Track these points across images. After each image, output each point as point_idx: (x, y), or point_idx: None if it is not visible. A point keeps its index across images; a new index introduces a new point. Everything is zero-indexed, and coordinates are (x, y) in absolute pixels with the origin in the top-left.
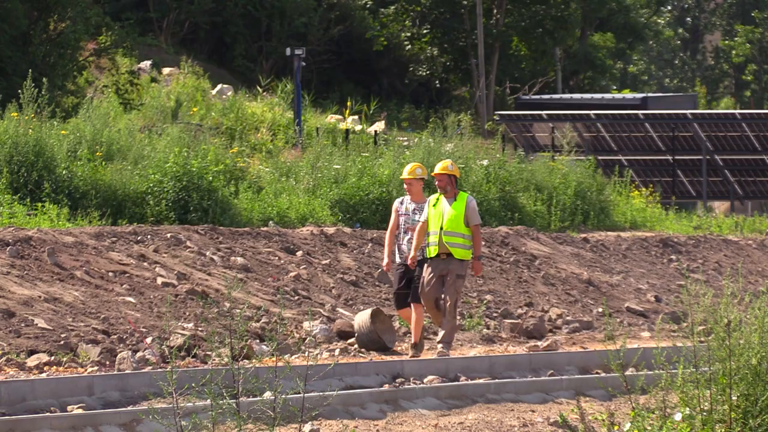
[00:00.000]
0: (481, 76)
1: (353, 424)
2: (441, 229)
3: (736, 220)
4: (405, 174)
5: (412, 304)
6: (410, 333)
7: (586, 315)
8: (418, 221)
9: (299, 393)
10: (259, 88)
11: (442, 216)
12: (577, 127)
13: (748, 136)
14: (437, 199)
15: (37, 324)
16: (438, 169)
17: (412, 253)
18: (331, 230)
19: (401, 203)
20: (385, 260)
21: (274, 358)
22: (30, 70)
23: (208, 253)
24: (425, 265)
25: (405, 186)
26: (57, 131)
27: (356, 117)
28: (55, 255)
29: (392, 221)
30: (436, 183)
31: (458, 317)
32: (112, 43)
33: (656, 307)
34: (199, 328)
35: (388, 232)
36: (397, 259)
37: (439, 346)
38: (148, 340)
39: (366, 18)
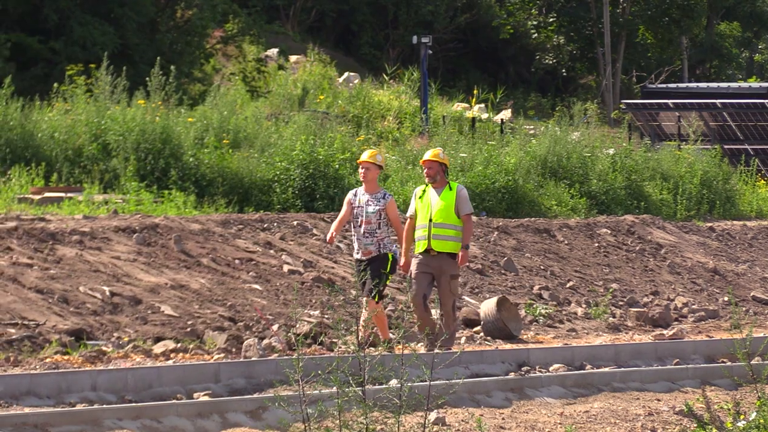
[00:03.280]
0: (607, 65)
1: (479, 412)
2: (430, 221)
3: None
4: (365, 157)
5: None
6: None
7: (712, 304)
8: (371, 213)
9: (425, 381)
10: (385, 76)
11: (430, 207)
12: (703, 116)
13: None
14: (423, 190)
15: (163, 311)
16: (428, 155)
17: (403, 259)
18: None
19: (354, 195)
20: (328, 237)
21: (400, 346)
22: (157, 58)
23: (334, 241)
24: (413, 260)
25: (360, 171)
26: (184, 119)
27: (483, 105)
28: (182, 242)
29: (343, 213)
30: (426, 171)
31: (458, 320)
32: (239, 31)
33: None
34: (326, 316)
35: (336, 222)
36: (354, 254)
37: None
38: (275, 327)
39: (492, 6)
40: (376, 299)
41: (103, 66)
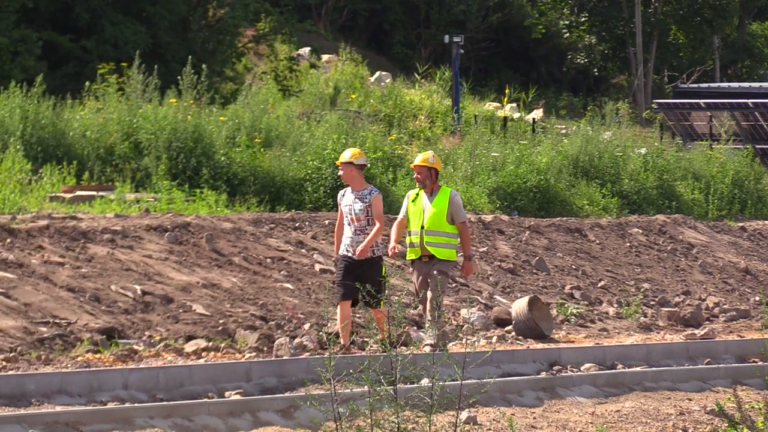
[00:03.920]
0: (639, 65)
1: (510, 411)
2: (422, 228)
3: None
4: (346, 158)
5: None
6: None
7: (743, 304)
8: (358, 211)
9: (457, 380)
10: (417, 75)
11: (422, 214)
12: (735, 115)
13: None
14: (417, 194)
15: (195, 310)
16: (417, 160)
17: (392, 244)
18: (488, 218)
19: (343, 195)
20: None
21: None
22: (189, 57)
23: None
24: (411, 269)
25: (339, 172)
26: (216, 117)
27: (514, 105)
28: (214, 241)
29: (339, 215)
30: (415, 176)
31: (444, 317)
32: (271, 30)
33: None
34: (357, 315)
35: (336, 230)
36: (341, 251)
37: (427, 349)
38: (306, 326)
39: (524, 6)
40: (381, 305)
41: (134, 65)
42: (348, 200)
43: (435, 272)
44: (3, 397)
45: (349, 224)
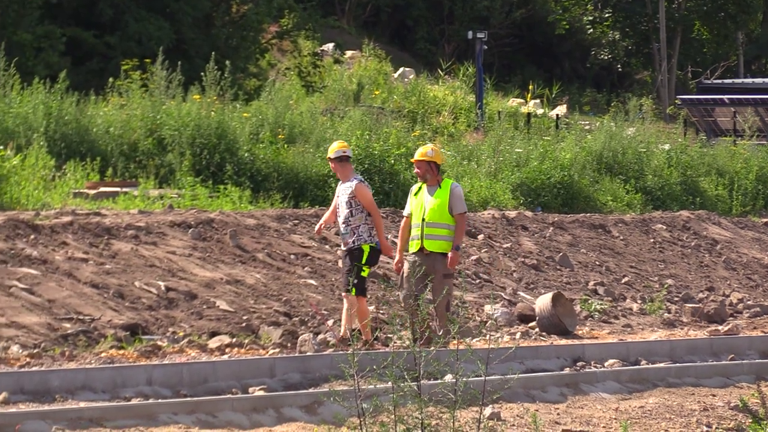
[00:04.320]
0: (662, 61)
1: (534, 407)
2: (423, 221)
3: None
4: (328, 155)
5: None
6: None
7: (767, 300)
8: (344, 203)
9: (480, 376)
10: (440, 71)
11: (423, 206)
12: (759, 111)
13: None
14: (419, 188)
15: (218, 306)
16: (416, 155)
17: (397, 256)
18: (512, 214)
19: (339, 186)
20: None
21: (455, 341)
22: (212, 53)
23: (389, 236)
24: (406, 260)
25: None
26: (239, 114)
27: (538, 101)
28: (237, 237)
29: (331, 207)
30: (415, 170)
31: (454, 317)
32: (295, 26)
33: None
34: (380, 311)
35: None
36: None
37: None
38: (330, 322)
39: (548, 2)
40: (353, 292)
41: (158, 61)
42: (338, 192)
43: (437, 278)
44: (27, 393)
45: (339, 216)
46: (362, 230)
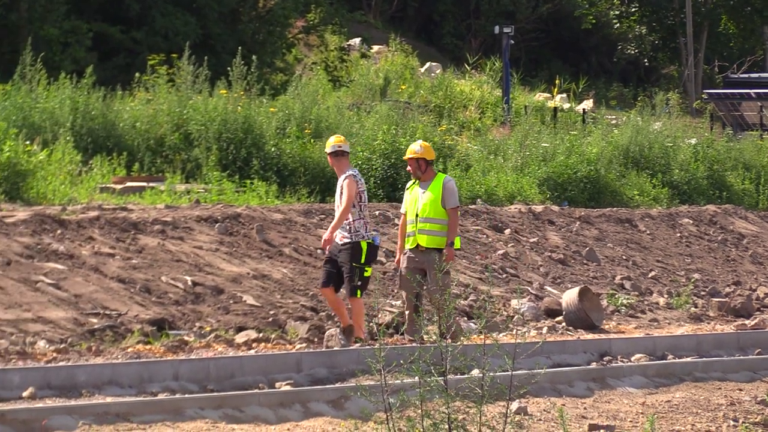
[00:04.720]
0: (689, 55)
1: (560, 401)
2: (417, 216)
3: None
4: (327, 148)
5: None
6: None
7: None
8: (338, 197)
9: (507, 371)
10: (467, 66)
11: (417, 202)
12: None
13: None
14: (413, 183)
15: (245, 301)
16: (407, 153)
17: (398, 255)
18: (539, 208)
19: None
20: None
21: (482, 336)
22: (239, 48)
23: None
24: (403, 257)
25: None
26: (266, 108)
27: (564, 95)
28: (264, 232)
29: None
30: (408, 168)
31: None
32: (321, 20)
33: None
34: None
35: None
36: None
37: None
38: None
39: None
40: (358, 294)
41: (184, 56)
42: (337, 186)
43: (434, 274)
44: (54, 388)
45: (335, 210)
46: (358, 225)
